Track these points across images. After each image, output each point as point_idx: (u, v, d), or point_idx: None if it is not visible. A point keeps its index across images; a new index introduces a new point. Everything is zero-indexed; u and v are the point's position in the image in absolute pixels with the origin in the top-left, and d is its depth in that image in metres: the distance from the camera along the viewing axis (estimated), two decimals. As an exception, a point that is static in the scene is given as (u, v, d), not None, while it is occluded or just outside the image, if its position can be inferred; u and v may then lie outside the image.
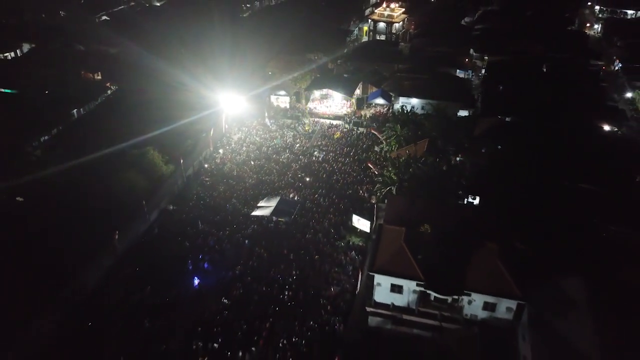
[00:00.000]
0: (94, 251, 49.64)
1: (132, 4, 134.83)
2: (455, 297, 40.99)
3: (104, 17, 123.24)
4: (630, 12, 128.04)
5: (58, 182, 56.72)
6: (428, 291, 41.10)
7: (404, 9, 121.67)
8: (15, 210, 55.31)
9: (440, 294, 40.83)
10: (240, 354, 41.63)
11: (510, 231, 46.03)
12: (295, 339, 42.84)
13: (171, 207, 58.37)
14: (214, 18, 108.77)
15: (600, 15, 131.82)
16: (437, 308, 42.00)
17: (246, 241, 53.77)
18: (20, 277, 44.62)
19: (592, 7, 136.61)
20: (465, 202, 56.78)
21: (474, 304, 40.87)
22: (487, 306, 40.67)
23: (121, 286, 47.87)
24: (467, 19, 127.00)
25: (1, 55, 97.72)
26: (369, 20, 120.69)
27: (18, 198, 57.27)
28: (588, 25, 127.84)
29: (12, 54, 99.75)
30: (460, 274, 40.58)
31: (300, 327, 44.03)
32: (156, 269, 49.68)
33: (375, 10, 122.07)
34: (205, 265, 50.90)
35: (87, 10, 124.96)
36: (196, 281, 48.83)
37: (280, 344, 42.43)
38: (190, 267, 50.17)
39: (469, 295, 40.41)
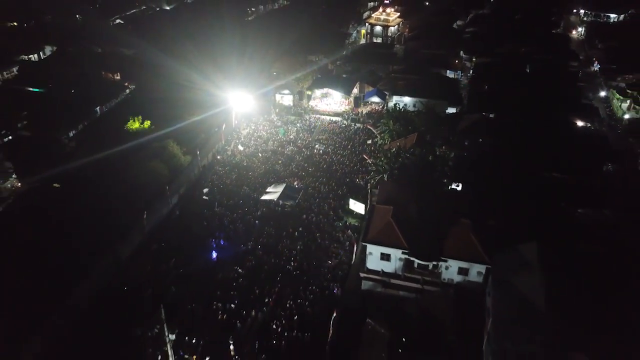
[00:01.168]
0: (127, 228, 57.37)
1: (144, 7, 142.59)
2: (435, 263, 48.75)
3: (117, 21, 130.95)
4: (612, 15, 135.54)
5: (91, 170, 64.39)
6: (412, 258, 48.91)
7: (399, 13, 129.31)
8: (54, 194, 63.02)
9: (422, 261, 48.64)
10: (253, 312, 49.43)
11: (484, 211, 53.77)
12: (299, 300, 50.60)
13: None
14: (221, 22, 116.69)
15: (585, 19, 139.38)
16: (420, 273, 49.76)
17: (256, 221, 61.60)
18: (66, 248, 52.16)
19: (578, 11, 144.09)
20: (450, 188, 64.62)
21: (450, 270, 48.65)
22: (461, 271, 48.46)
23: (150, 258, 55.67)
24: (459, 22, 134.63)
25: (26, 56, 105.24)
26: (367, 24, 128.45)
27: (55, 184, 64.99)
28: (573, 28, 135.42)
29: (35, 56, 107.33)
30: (438, 244, 48.40)
31: (304, 291, 51.80)
32: (179, 244, 57.47)
33: (373, 15, 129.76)
34: (222, 241, 58.67)
35: (102, 13, 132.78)
36: (214, 254, 56.60)
37: (287, 305, 50.16)
38: (211, 243, 57.77)
39: (446, 261, 48.20)
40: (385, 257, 50.01)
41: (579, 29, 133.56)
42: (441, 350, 42.29)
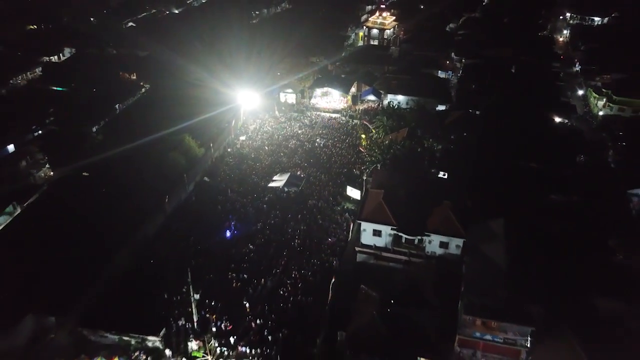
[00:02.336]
0: (152, 210, 65.30)
1: (154, 11, 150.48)
2: (420, 238, 56.67)
3: (130, 24, 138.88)
4: (597, 18, 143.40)
5: (117, 161, 72.15)
6: (400, 234, 56.88)
7: (395, 17, 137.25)
8: (84, 182, 70.93)
9: (408, 236, 56.62)
10: (263, 281, 57.43)
11: (464, 195, 61.66)
12: (303, 271, 58.65)
13: (206, 179, 74.02)
14: (228, 25, 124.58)
15: (571, 22, 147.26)
16: (407, 247, 57.67)
17: (264, 205, 69.63)
18: (100, 227, 59.86)
19: (564, 14, 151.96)
20: (438, 176, 72.51)
21: (433, 243, 56.51)
22: (442, 245, 56.33)
23: (172, 236, 63.65)
24: (451, 25, 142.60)
25: (47, 58, 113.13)
26: (364, 27, 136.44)
27: (85, 173, 72.92)
28: (559, 31, 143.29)
29: (55, 57, 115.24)
30: (423, 221, 56.38)
31: (307, 263, 59.89)
32: (197, 225, 65.46)
33: (370, 18, 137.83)
34: (234, 222, 66.67)
35: (115, 16, 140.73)
36: (228, 233, 64.58)
37: (293, 275, 58.18)
38: (225, 224, 65.73)
39: (429, 236, 56.08)
40: (377, 233, 57.98)
41: (564, 32, 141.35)
42: (423, 307, 50.22)
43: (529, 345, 46.20)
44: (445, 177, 72.54)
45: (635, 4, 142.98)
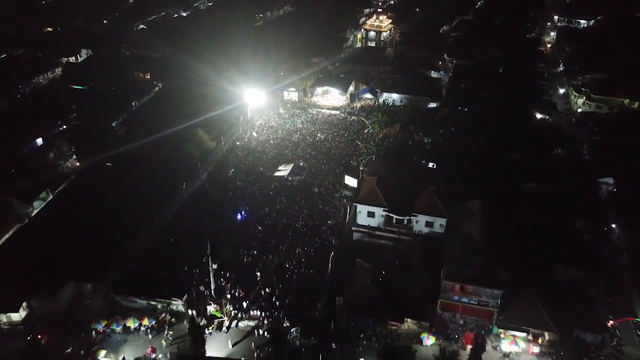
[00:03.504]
0: (172, 195, 73.18)
1: (163, 14, 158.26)
2: (408, 218, 64.60)
3: (141, 26, 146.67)
4: (582, 21, 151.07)
5: (137, 152, 79.90)
6: (391, 214, 64.81)
7: (391, 20, 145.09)
8: (108, 171, 78.73)
9: (398, 216, 64.55)
10: (271, 256, 65.27)
11: (449, 181, 69.48)
12: (305, 248, 66.53)
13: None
14: (233, 27, 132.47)
15: (558, 24, 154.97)
16: (397, 226, 65.62)
17: (271, 192, 77.55)
18: (125, 210, 67.54)
19: (552, 17, 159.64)
20: (428, 167, 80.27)
21: (420, 223, 64.41)
22: (427, 224, 64.23)
23: (188, 219, 71.47)
24: (445, 27, 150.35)
25: (65, 59, 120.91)
26: (362, 30, 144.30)
27: (108, 163, 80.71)
28: (546, 33, 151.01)
29: (73, 58, 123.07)
30: (411, 203, 64.28)
31: (309, 242, 67.77)
32: (210, 209, 73.29)
33: (367, 21, 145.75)
34: (244, 207, 74.52)
35: (127, 19, 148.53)
36: (239, 216, 72.43)
37: (297, 251, 66.02)
38: (236, 208, 73.61)
39: (416, 216, 64.02)
40: (370, 214, 65.95)
41: (552, 34, 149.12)
42: (410, 276, 58.09)
43: (499, 306, 54.07)
44: (435, 167, 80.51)
45: (620, 7, 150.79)
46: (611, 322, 54.94)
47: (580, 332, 52.87)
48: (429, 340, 53.96)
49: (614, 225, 69.26)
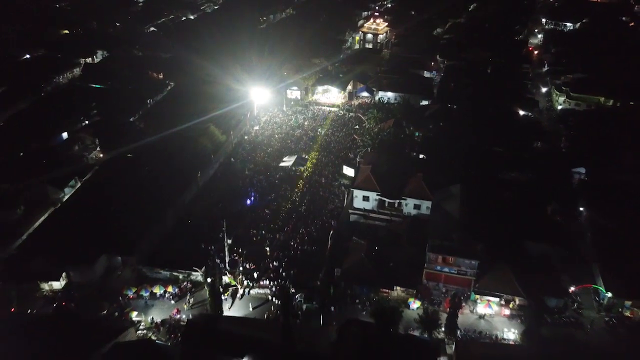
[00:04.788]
0: (188, 182, 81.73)
1: (172, 16, 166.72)
2: (398, 201, 73.21)
3: (151, 28, 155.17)
4: (569, 24, 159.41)
5: (155, 145, 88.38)
6: (383, 198, 73.43)
7: (387, 23, 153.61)
8: (129, 162, 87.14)
9: (390, 200, 73.18)
10: (277, 236, 73.83)
11: (436, 170, 78.10)
12: (308, 229, 75.10)
13: (232, 160, 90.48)
14: (239, 29, 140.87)
15: (546, 27, 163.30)
16: (389, 209, 74.29)
17: (276, 180, 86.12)
18: (147, 195, 75.97)
19: (540, 19, 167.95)
20: (418, 158, 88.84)
21: (409, 205, 73.04)
22: (415, 206, 72.84)
23: (205, 202, 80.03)
24: (438, 30, 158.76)
25: (83, 59, 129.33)
26: (360, 32, 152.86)
27: (129, 155, 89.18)
28: (534, 35, 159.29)
29: (90, 59, 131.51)
30: (401, 188, 72.90)
31: (311, 223, 76.33)
32: (223, 195, 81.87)
33: (365, 24, 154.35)
34: (253, 193, 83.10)
35: (138, 22, 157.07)
36: (248, 201, 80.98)
37: (300, 231, 74.60)
38: (245, 194, 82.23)
39: (405, 200, 72.66)
40: (365, 198, 74.58)
41: (539, 36, 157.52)
42: (399, 251, 66.66)
43: (475, 275, 62.65)
44: (424, 158, 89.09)
45: (604, 11, 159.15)
46: (572, 288, 63.41)
47: (545, 297, 61.45)
48: (415, 304, 62.32)
49: (581, 209, 77.70)
